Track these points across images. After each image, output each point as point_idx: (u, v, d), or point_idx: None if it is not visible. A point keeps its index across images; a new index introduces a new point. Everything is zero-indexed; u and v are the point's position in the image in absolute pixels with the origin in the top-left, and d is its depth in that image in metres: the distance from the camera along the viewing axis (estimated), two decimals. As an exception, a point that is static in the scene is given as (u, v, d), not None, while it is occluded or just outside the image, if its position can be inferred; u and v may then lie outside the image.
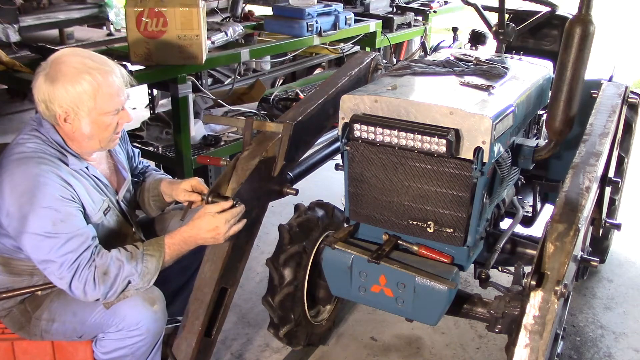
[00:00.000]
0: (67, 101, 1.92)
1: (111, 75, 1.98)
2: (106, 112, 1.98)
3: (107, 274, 1.94)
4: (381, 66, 3.01)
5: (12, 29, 3.91)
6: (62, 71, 1.91)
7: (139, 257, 1.99)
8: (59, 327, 2.08)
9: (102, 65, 1.97)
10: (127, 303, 2.02)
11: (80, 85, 1.91)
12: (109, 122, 2.01)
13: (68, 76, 1.91)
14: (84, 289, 1.92)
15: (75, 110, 1.94)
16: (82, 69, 1.92)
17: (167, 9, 3.29)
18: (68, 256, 1.90)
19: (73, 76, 1.91)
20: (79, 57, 1.97)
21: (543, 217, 2.71)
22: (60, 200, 1.92)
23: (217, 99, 4.47)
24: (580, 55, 2.06)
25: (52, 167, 1.94)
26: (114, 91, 1.98)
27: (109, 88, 1.96)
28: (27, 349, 2.17)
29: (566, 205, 1.86)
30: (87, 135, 2.00)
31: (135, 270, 1.97)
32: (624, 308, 3.25)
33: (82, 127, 1.98)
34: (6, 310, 2.12)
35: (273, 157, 2.32)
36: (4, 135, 5.29)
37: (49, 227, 1.89)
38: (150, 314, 2.04)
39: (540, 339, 1.72)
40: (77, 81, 1.91)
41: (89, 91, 1.92)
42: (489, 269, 2.38)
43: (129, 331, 2.02)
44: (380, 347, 2.90)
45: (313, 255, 2.63)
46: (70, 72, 1.91)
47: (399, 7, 5.68)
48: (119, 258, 1.96)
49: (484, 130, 1.97)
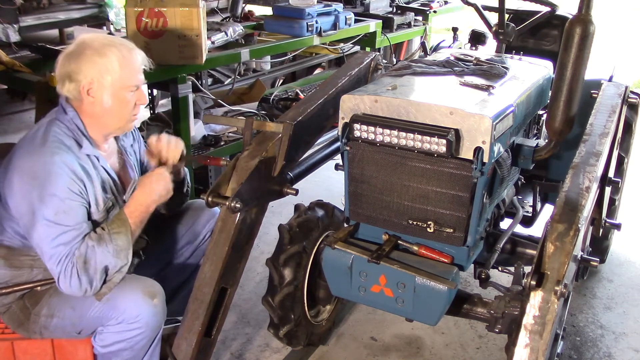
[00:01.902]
0: (93, 71, 2.00)
1: (134, 52, 2.09)
2: (127, 85, 2.06)
3: (87, 262, 1.95)
4: (381, 66, 3.01)
5: (12, 29, 3.92)
6: (88, 45, 2.02)
7: (107, 237, 1.99)
8: (58, 323, 2.09)
9: (126, 43, 2.10)
10: (126, 296, 2.03)
11: (107, 57, 2.01)
12: (128, 98, 2.08)
13: (95, 48, 2.01)
14: (70, 283, 1.95)
15: (99, 81, 2.01)
16: (108, 43, 2.04)
17: (167, 9, 3.29)
18: (59, 249, 1.93)
19: (100, 48, 2.01)
20: (102, 36, 2.14)
21: (543, 217, 2.71)
22: (67, 191, 1.95)
23: (217, 99, 4.47)
24: (580, 55, 2.06)
25: (66, 158, 1.97)
26: (136, 67, 2.09)
27: (132, 63, 2.07)
28: (27, 348, 2.17)
29: (566, 205, 1.86)
30: (108, 110, 2.06)
31: (108, 251, 1.97)
32: (624, 308, 3.25)
33: (103, 100, 2.04)
34: (5, 307, 2.12)
35: (273, 157, 2.32)
36: (4, 135, 5.29)
37: (50, 214, 1.92)
38: (149, 307, 2.05)
39: (540, 339, 1.72)
40: (104, 53, 2.01)
41: (115, 62, 2.02)
42: (489, 269, 2.38)
43: (129, 324, 2.03)
44: (380, 347, 2.90)
45: (313, 255, 2.63)
46: (96, 46, 2.02)
47: (399, 7, 5.68)
48: (89, 244, 1.97)
49: (484, 130, 1.97)
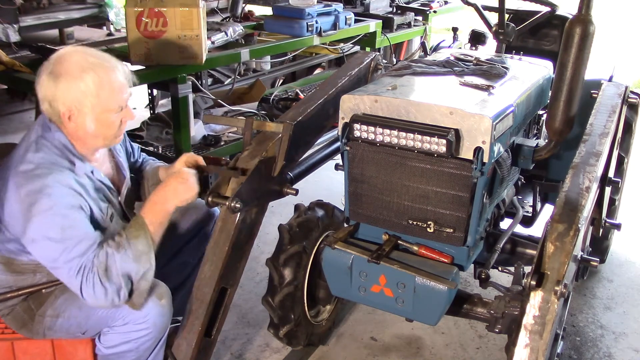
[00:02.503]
0: (70, 99, 1.91)
1: (114, 72, 1.97)
2: (109, 109, 1.97)
3: (108, 269, 1.89)
4: (381, 66, 3.01)
5: (12, 29, 3.92)
6: (64, 69, 1.90)
7: (125, 243, 1.93)
8: (64, 323, 2.08)
9: (105, 62, 1.96)
10: None
11: (83, 83, 1.90)
12: (112, 119, 2.00)
13: (70, 74, 1.90)
14: (94, 293, 1.88)
15: (78, 108, 1.93)
16: (84, 66, 1.91)
17: (167, 9, 3.29)
18: (75, 261, 1.87)
19: (76, 73, 1.90)
20: (81, 54, 1.95)
21: (543, 217, 2.71)
22: (68, 206, 1.89)
23: (217, 99, 4.47)
24: (580, 55, 2.06)
25: (60, 177, 1.90)
26: (116, 88, 1.97)
27: (112, 85, 1.95)
28: (27, 348, 2.17)
29: (566, 205, 1.86)
30: (92, 134, 1.99)
31: (128, 257, 1.91)
32: (624, 308, 3.25)
33: (86, 125, 1.96)
34: (9, 308, 2.11)
35: (273, 157, 2.32)
36: (4, 135, 5.29)
37: (56, 233, 1.86)
38: (157, 307, 2.04)
39: (540, 339, 1.72)
40: (79, 78, 1.90)
41: (92, 88, 1.92)
42: (489, 269, 2.38)
43: (136, 324, 2.02)
44: (380, 347, 2.90)
45: (313, 255, 2.63)
46: (72, 70, 1.90)
47: (399, 7, 5.68)
48: (108, 252, 1.91)
49: (484, 130, 1.97)
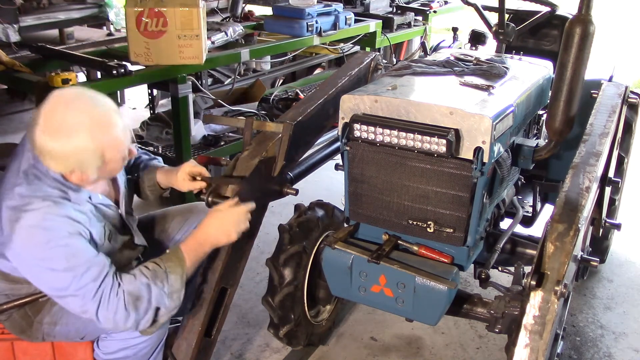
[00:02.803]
0: (72, 162, 1.81)
1: (112, 128, 1.84)
2: (113, 159, 1.88)
3: (140, 299, 1.83)
4: (381, 66, 3.01)
5: (12, 29, 3.92)
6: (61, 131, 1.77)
7: (163, 276, 1.88)
8: (62, 330, 2.07)
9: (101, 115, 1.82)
10: None
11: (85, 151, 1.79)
12: (117, 166, 1.95)
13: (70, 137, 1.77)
14: (114, 318, 1.82)
15: (81, 169, 1.84)
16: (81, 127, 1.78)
17: (167, 9, 3.29)
18: (89, 287, 1.80)
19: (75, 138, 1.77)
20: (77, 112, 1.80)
21: (543, 217, 2.71)
22: (67, 236, 1.81)
23: (217, 99, 4.47)
24: (580, 55, 2.06)
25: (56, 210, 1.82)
26: (118, 142, 1.87)
27: (114, 141, 1.85)
28: (27, 349, 2.17)
29: (566, 205, 1.86)
30: (95, 180, 1.93)
31: (164, 292, 1.87)
32: (624, 308, 3.25)
33: (89, 178, 1.88)
34: (6, 315, 2.09)
35: (273, 157, 2.32)
36: (4, 135, 5.29)
37: (61, 262, 1.79)
38: None
39: (540, 339, 1.72)
40: (80, 145, 1.78)
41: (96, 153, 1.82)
42: (489, 269, 2.37)
43: (132, 332, 2.00)
44: (380, 347, 2.90)
45: (313, 255, 2.63)
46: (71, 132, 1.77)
47: (399, 7, 5.68)
48: (144, 282, 1.85)
49: (484, 130, 1.97)
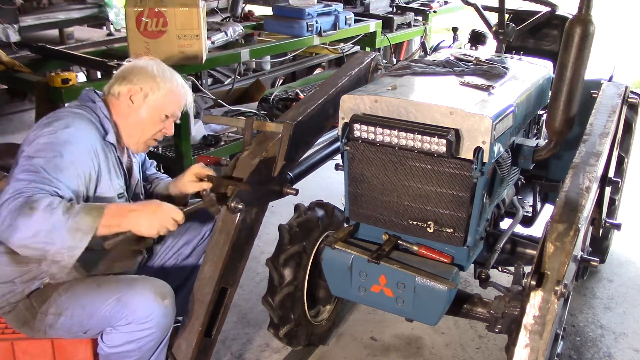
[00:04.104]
0: (147, 83, 2.16)
1: (188, 93, 2.30)
2: (165, 111, 2.21)
3: (34, 209, 1.79)
4: (381, 66, 3.01)
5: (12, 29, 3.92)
6: (157, 65, 2.22)
7: (74, 211, 1.86)
8: (66, 322, 2.07)
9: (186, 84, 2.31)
10: (138, 296, 2.02)
11: (164, 80, 2.19)
12: (159, 120, 2.21)
13: (161, 69, 2.22)
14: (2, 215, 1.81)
15: (146, 93, 2.16)
16: (171, 73, 2.24)
17: (167, 9, 3.29)
18: (19, 184, 1.85)
19: (164, 72, 2.22)
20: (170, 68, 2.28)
21: (543, 217, 2.72)
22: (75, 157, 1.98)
23: (217, 99, 4.47)
24: (580, 55, 2.06)
25: (90, 134, 2.07)
26: (181, 103, 2.26)
27: (180, 98, 2.25)
28: (27, 349, 2.17)
29: (566, 205, 1.86)
30: (138, 120, 2.18)
31: (65, 223, 1.83)
32: (624, 308, 3.25)
33: (140, 110, 2.17)
34: (11, 305, 2.11)
35: (273, 157, 2.32)
36: (4, 135, 5.29)
37: (36, 149, 1.94)
38: (161, 308, 2.04)
39: (540, 339, 1.72)
40: (165, 76, 2.20)
41: (168, 87, 2.19)
42: (489, 269, 2.38)
43: (139, 324, 2.02)
44: (380, 347, 2.90)
45: (313, 255, 2.63)
46: (163, 68, 2.24)
47: (399, 7, 5.68)
48: (53, 204, 1.83)
49: (484, 130, 1.97)
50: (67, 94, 3.11)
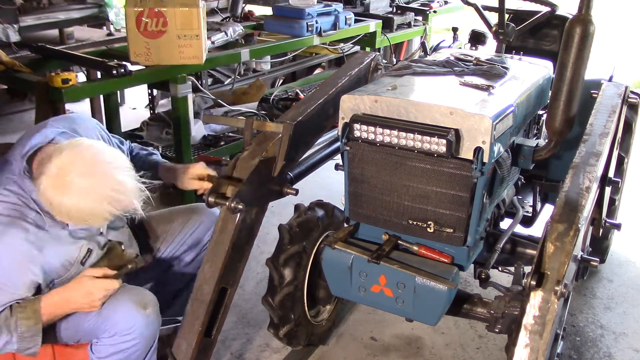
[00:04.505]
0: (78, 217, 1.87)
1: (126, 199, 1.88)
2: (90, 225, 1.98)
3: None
4: (381, 66, 3.01)
5: (12, 29, 3.91)
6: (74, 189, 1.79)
7: (12, 326, 1.90)
8: (57, 333, 2.09)
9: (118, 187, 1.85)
10: (118, 308, 2.01)
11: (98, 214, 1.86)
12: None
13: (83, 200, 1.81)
14: None
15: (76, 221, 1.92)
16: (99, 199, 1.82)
17: (167, 9, 3.29)
18: None
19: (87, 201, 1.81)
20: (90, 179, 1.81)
21: (543, 217, 2.71)
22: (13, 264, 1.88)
23: (217, 99, 4.47)
24: (580, 55, 2.06)
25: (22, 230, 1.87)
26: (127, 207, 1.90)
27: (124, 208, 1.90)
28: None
29: (566, 205, 1.86)
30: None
31: (10, 340, 1.90)
32: (624, 308, 3.25)
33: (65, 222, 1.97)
34: None
35: (273, 157, 2.32)
36: (4, 135, 5.29)
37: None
38: (142, 318, 2.03)
39: (540, 339, 1.72)
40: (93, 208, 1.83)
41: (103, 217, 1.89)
42: (489, 269, 2.38)
43: (122, 336, 2.01)
44: (380, 347, 2.90)
45: (313, 255, 2.63)
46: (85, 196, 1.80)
47: (399, 7, 5.68)
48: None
49: (484, 130, 1.97)
50: (67, 94, 3.12)
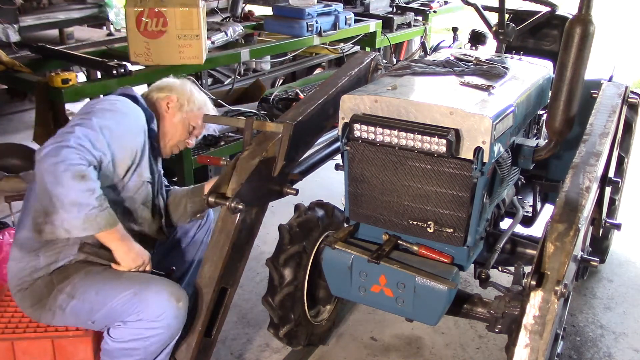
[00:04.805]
0: (182, 95, 2.40)
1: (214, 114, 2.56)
2: (193, 123, 2.43)
3: (84, 178, 1.90)
4: (381, 66, 3.01)
5: (12, 29, 3.92)
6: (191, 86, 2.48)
7: (103, 206, 1.96)
8: (77, 305, 2.08)
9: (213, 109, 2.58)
10: (153, 294, 2.03)
11: (199, 98, 2.46)
12: (187, 130, 2.42)
13: (195, 91, 2.48)
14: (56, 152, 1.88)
15: (181, 104, 2.38)
16: (205, 99, 2.51)
17: (167, 9, 3.29)
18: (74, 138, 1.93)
19: (198, 93, 2.49)
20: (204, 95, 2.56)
21: (543, 217, 2.72)
22: (131, 126, 2.16)
23: (217, 99, 4.47)
24: (580, 55, 2.06)
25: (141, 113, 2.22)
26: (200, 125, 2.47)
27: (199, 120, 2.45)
28: (27, 348, 2.17)
29: (566, 205, 1.86)
30: (170, 125, 2.38)
31: (89, 210, 1.92)
32: (624, 308, 3.25)
33: (174, 116, 2.38)
34: (29, 282, 2.12)
35: (273, 157, 2.32)
36: (4, 135, 5.29)
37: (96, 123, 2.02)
38: (173, 309, 2.04)
39: (540, 339, 1.72)
40: (199, 96, 2.47)
41: (199, 104, 2.44)
42: (489, 269, 2.38)
43: (149, 322, 2.02)
44: (380, 347, 2.90)
45: (313, 255, 2.63)
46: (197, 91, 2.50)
47: (399, 7, 5.68)
48: (96, 190, 1.93)
49: (484, 130, 1.97)
50: (67, 94, 3.12)
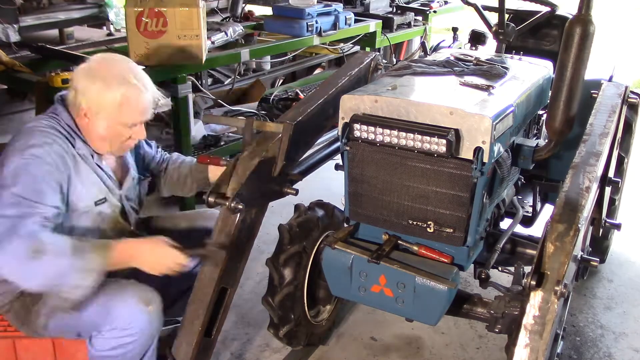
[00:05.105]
0: (94, 101, 2.04)
1: (144, 94, 2.09)
2: (124, 123, 2.10)
3: (40, 252, 1.80)
4: (381, 66, 3.01)
5: (12, 29, 3.92)
6: (103, 74, 2.04)
7: (82, 251, 1.89)
8: (56, 324, 2.07)
9: (140, 82, 2.08)
10: (121, 302, 2.01)
11: (112, 94, 2.03)
12: (123, 132, 2.12)
13: (106, 80, 2.03)
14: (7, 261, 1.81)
15: (96, 111, 2.05)
16: (121, 80, 2.04)
17: (167, 9, 3.29)
18: (7, 221, 1.82)
19: (110, 81, 2.03)
20: (122, 65, 2.10)
21: (543, 217, 2.71)
22: (46, 175, 1.94)
23: (217, 99, 4.48)
24: (580, 55, 2.06)
25: (55, 148, 1.99)
26: (140, 108, 2.10)
27: (137, 104, 2.08)
28: (29, 346, 2.17)
29: (566, 205, 1.86)
30: (100, 136, 2.11)
31: (74, 265, 1.86)
32: (624, 308, 3.25)
33: (97, 127, 2.09)
34: (8, 305, 2.10)
35: (273, 157, 2.32)
36: (4, 135, 5.29)
37: (9, 177, 1.89)
38: (144, 315, 2.02)
39: (540, 339, 1.72)
40: (111, 89, 2.03)
41: (117, 102, 2.04)
42: (489, 269, 2.38)
43: (122, 330, 2.01)
44: (380, 347, 2.90)
45: (313, 255, 2.63)
46: (109, 77, 2.04)
47: (399, 7, 5.68)
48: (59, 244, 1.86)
49: (484, 130, 1.97)
50: (67, 94, 3.11)
